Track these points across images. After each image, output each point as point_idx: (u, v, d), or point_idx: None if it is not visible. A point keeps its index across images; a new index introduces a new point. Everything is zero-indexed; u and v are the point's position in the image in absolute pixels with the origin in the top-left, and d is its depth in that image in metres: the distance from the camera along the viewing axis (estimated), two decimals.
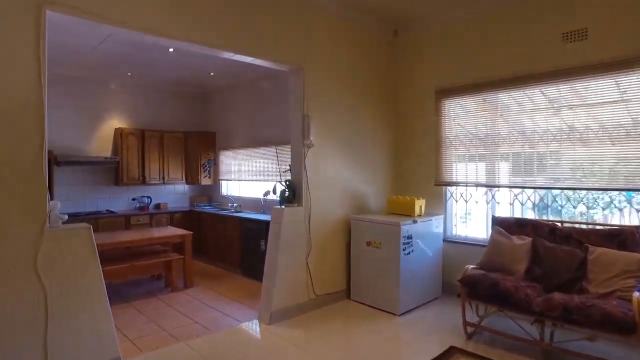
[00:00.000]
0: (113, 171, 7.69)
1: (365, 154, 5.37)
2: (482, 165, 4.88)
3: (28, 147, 2.90)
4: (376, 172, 5.54)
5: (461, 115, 5.09)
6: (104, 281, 3.17)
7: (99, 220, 7.05)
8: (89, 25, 3.42)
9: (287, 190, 4.52)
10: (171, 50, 6.00)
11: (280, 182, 4.71)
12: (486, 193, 4.95)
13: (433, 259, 4.99)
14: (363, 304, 4.96)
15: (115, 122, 7.78)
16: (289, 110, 4.86)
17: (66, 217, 3.11)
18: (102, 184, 7.65)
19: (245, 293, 5.79)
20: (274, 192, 4.78)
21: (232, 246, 6.97)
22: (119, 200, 7.82)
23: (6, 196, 2.80)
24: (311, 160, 4.64)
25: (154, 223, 7.62)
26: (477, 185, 4.92)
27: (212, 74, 7.42)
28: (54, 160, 6.83)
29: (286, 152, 6.72)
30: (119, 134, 7.61)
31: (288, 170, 4.77)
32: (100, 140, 7.65)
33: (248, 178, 7.66)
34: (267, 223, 6.10)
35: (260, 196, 7.23)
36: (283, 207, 4.45)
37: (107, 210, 7.58)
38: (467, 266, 3.80)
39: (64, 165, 7.13)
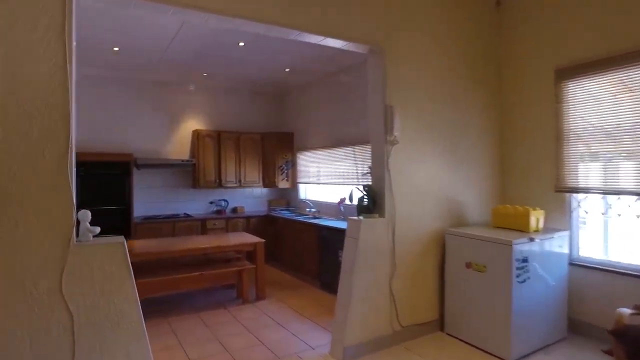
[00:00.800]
0: (190, 174, 7.40)
1: (464, 152, 4.31)
2: (628, 166, 3.60)
3: (51, 148, 2.38)
4: (477, 174, 4.45)
5: (590, 102, 3.84)
6: (140, 307, 2.57)
7: (176, 224, 6.76)
8: (155, 9, 2.86)
9: (366, 197, 3.66)
10: (241, 44, 5.45)
11: (358, 187, 3.84)
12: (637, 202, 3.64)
13: (556, 289, 3.79)
14: (460, 339, 3.91)
15: (192, 124, 7.49)
16: (362, 105, 4.00)
17: (98, 229, 2.56)
18: (180, 186, 7.39)
19: (321, 310, 5.04)
20: (351, 199, 3.91)
21: (308, 255, 6.27)
22: (197, 203, 7.51)
23: (25, 205, 2.30)
24: (396, 160, 3.73)
25: (229, 227, 7.18)
26: (619, 192, 3.64)
27: (287, 70, 6.79)
28: (134, 163, 6.66)
29: (367, 153, 5.86)
30: (195, 136, 7.31)
31: (368, 173, 3.90)
32: (179, 143, 7.39)
33: (327, 181, 6.91)
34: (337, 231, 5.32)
35: (340, 198, 6.45)
36: (361, 218, 3.58)
37: (184, 213, 7.29)
38: (620, 310, 2.62)
39: (143, 169, 6.95)
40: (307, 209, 7.25)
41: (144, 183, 7.07)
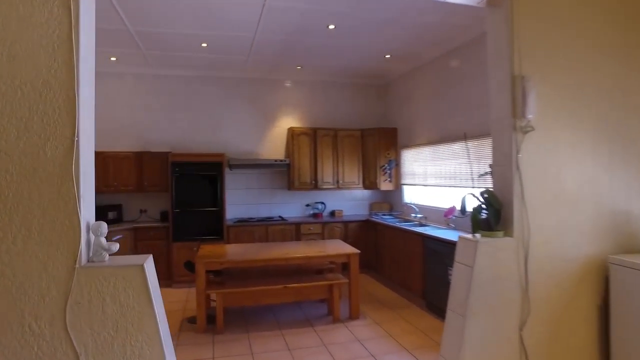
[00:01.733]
0: (285, 174, 6.84)
1: (636, 144, 2.92)
2: None
3: (54, 142, 1.79)
4: None
5: None
6: (165, 347, 1.89)
7: (269, 228, 6.23)
8: None
9: (484, 207, 2.55)
10: (331, 27, 4.65)
11: (472, 193, 2.73)
12: None
13: None
14: None
15: (287, 122, 6.93)
16: (480, 91, 2.86)
17: (116, 247, 1.93)
18: (274, 188, 6.88)
19: (425, 341, 4.04)
20: (463, 209, 2.79)
21: (412, 268, 5.23)
22: (292, 206, 6.93)
23: (24, 215, 1.76)
24: (530, 155, 2.54)
25: (325, 233, 6.45)
26: None
27: (387, 56, 5.82)
28: (227, 164, 6.30)
29: (485, 148, 4.63)
30: (290, 134, 6.72)
31: (487, 174, 2.78)
32: (273, 142, 6.88)
33: (435, 183, 5.77)
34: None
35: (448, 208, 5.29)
36: (477, 237, 2.48)
37: (279, 216, 6.75)
38: None
39: (236, 169, 6.56)
40: (412, 215, 6.19)
41: (238, 184, 6.69)
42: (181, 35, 4.95)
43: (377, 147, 6.74)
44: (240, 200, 6.71)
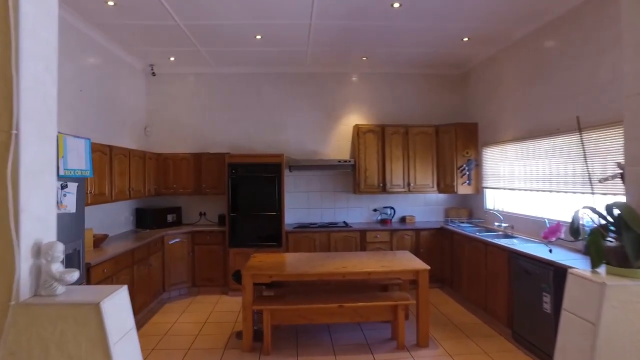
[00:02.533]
0: (351, 176, 6.17)
1: None
2: None
3: None
4: None
5: None
6: None
7: (331, 234, 5.60)
8: None
9: (613, 230, 1.66)
10: (396, 5, 3.89)
11: (592, 207, 1.83)
12: None
13: None
14: None
15: (353, 119, 6.25)
16: (593, 70, 1.94)
17: (74, 276, 1.41)
18: (339, 191, 6.23)
19: None
20: (576, 232, 1.87)
21: (496, 289, 4.27)
22: (358, 211, 6.23)
23: None
24: None
25: (394, 242, 5.66)
26: None
27: (465, 39, 4.89)
28: (286, 165, 5.79)
29: (603, 143, 3.56)
30: (356, 132, 6.03)
31: (614, 178, 1.86)
32: (337, 141, 6.25)
33: (525, 187, 4.72)
34: (556, 269, 3.27)
35: (545, 216, 4.26)
36: (602, 275, 1.60)
37: (343, 222, 6.09)
38: None
39: (297, 171, 6.02)
40: (496, 223, 5.18)
41: (298, 187, 6.15)
42: (233, 27, 4.50)
43: (454, 145, 5.80)
44: (301, 204, 6.17)
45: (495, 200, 5.59)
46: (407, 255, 4.35)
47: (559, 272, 3.30)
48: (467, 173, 5.75)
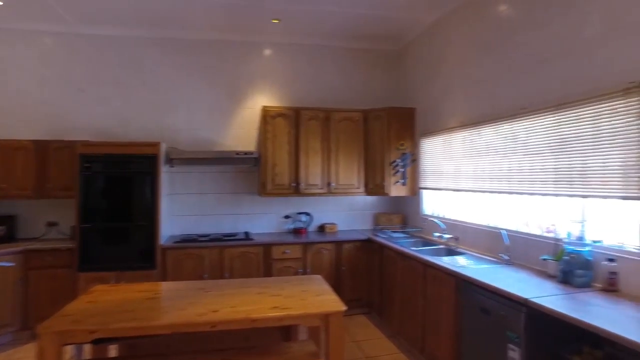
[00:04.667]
0: (256, 174, 4.82)
1: None
2: None
3: None
4: None
5: None
6: None
7: (225, 251, 4.21)
8: None
9: None
10: None
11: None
12: None
13: None
14: None
15: (262, 100, 4.91)
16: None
17: None
18: (242, 192, 4.85)
19: None
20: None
21: (438, 327, 3.13)
22: (266, 218, 4.88)
23: None
24: None
25: (309, 258, 4.39)
26: None
27: None
28: (166, 158, 4.32)
29: (588, 120, 2.51)
30: (263, 116, 4.70)
31: None
32: (243, 128, 4.86)
33: (475, 187, 3.67)
34: (530, 311, 2.15)
35: (498, 225, 3.21)
36: None
37: (245, 233, 4.73)
38: None
39: (182, 166, 4.57)
40: (435, 234, 4.10)
41: (188, 187, 4.68)
42: None
43: (386, 135, 4.66)
44: (191, 211, 4.70)
45: (435, 204, 4.52)
46: (318, 283, 3.06)
47: (535, 316, 2.20)
48: (402, 170, 4.63)
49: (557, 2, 2.74)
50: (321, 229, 4.92)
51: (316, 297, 2.64)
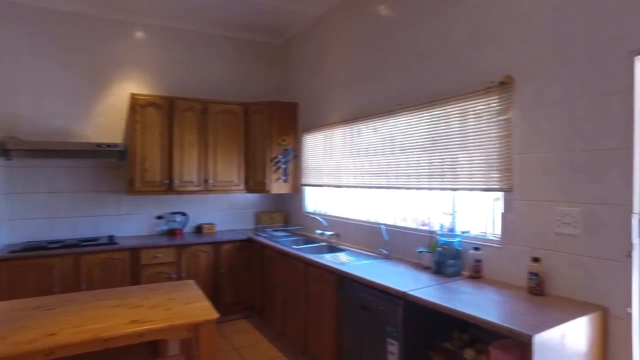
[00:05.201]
0: (123, 170, 4.25)
1: None
2: None
3: None
4: None
5: None
6: None
7: (82, 258, 3.58)
8: None
9: None
10: None
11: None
12: None
13: None
14: None
15: (130, 87, 4.35)
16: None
17: None
18: (106, 191, 4.22)
19: None
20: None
21: (320, 327, 3.04)
22: (135, 219, 4.32)
23: None
24: None
25: (183, 262, 3.99)
26: None
27: None
28: (1, 151, 3.54)
29: (457, 115, 2.63)
30: (131, 105, 4.16)
31: None
32: (107, 118, 4.23)
33: (354, 183, 3.69)
34: (408, 304, 2.14)
35: (378, 220, 3.26)
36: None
37: (109, 236, 4.13)
38: None
39: (25, 159, 3.82)
40: (317, 231, 4.05)
41: (36, 185, 3.91)
42: None
43: (268, 130, 4.48)
44: (40, 213, 3.92)
45: (318, 201, 4.48)
46: (189, 289, 2.73)
47: (412, 309, 2.20)
48: (283, 167, 4.49)
49: (432, 4, 2.85)
50: (198, 229, 4.54)
51: (185, 305, 2.32)
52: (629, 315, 1.80)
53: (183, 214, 4.44)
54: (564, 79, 2.06)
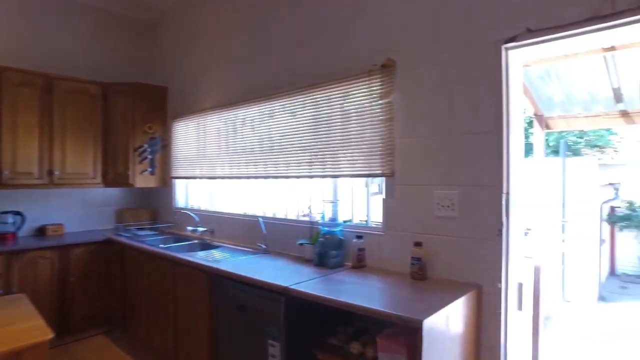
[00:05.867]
0: None
1: None
2: None
3: None
4: None
5: None
6: None
7: None
8: None
9: None
10: None
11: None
12: None
13: None
14: None
15: None
16: None
17: None
18: None
19: None
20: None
21: (191, 335, 2.66)
22: None
23: None
24: None
25: (17, 272, 3.19)
26: None
27: None
28: None
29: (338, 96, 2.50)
30: None
31: None
32: None
33: (230, 174, 3.36)
34: (289, 300, 1.93)
35: (256, 213, 3.03)
36: None
37: None
38: None
39: None
40: (189, 228, 3.63)
41: None
42: None
43: (132, 116, 3.87)
44: None
45: (190, 195, 4.04)
46: (16, 306, 2.11)
47: (294, 305, 2.00)
48: (150, 157, 3.94)
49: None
50: (41, 232, 3.72)
51: (4, 328, 1.77)
52: (499, 290, 1.86)
53: (17, 213, 3.58)
54: (442, 64, 2.07)
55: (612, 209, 9.02)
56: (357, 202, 2.61)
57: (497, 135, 1.88)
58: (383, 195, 2.31)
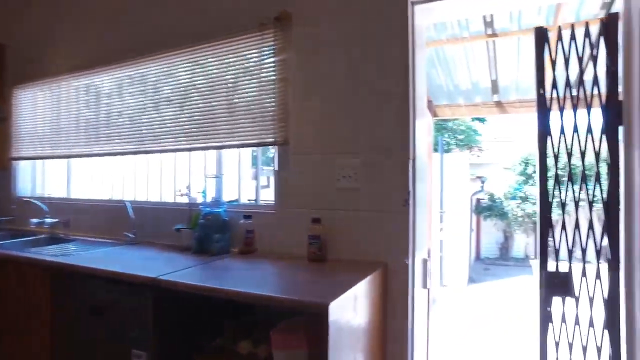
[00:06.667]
0: None
1: None
2: None
3: None
4: None
5: None
6: None
7: None
8: None
9: None
10: None
11: None
12: None
13: None
14: None
15: None
16: None
17: None
18: None
19: None
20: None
21: (30, 348, 2.01)
22: None
23: None
24: None
25: None
26: None
27: None
28: None
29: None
30: None
31: None
32: None
33: (91, 152, 2.71)
34: (156, 292, 1.47)
35: (124, 197, 2.48)
36: None
37: None
38: None
39: None
40: (34, 221, 2.85)
41: None
42: None
43: None
44: None
45: (38, 179, 3.23)
46: None
47: (166, 302, 1.55)
48: None
49: None
50: None
51: None
52: (407, 266, 1.65)
53: None
54: (345, 17, 1.81)
55: (478, 200, 10.03)
56: (244, 178, 2.24)
57: (403, 95, 1.68)
58: (275, 167, 1.97)
